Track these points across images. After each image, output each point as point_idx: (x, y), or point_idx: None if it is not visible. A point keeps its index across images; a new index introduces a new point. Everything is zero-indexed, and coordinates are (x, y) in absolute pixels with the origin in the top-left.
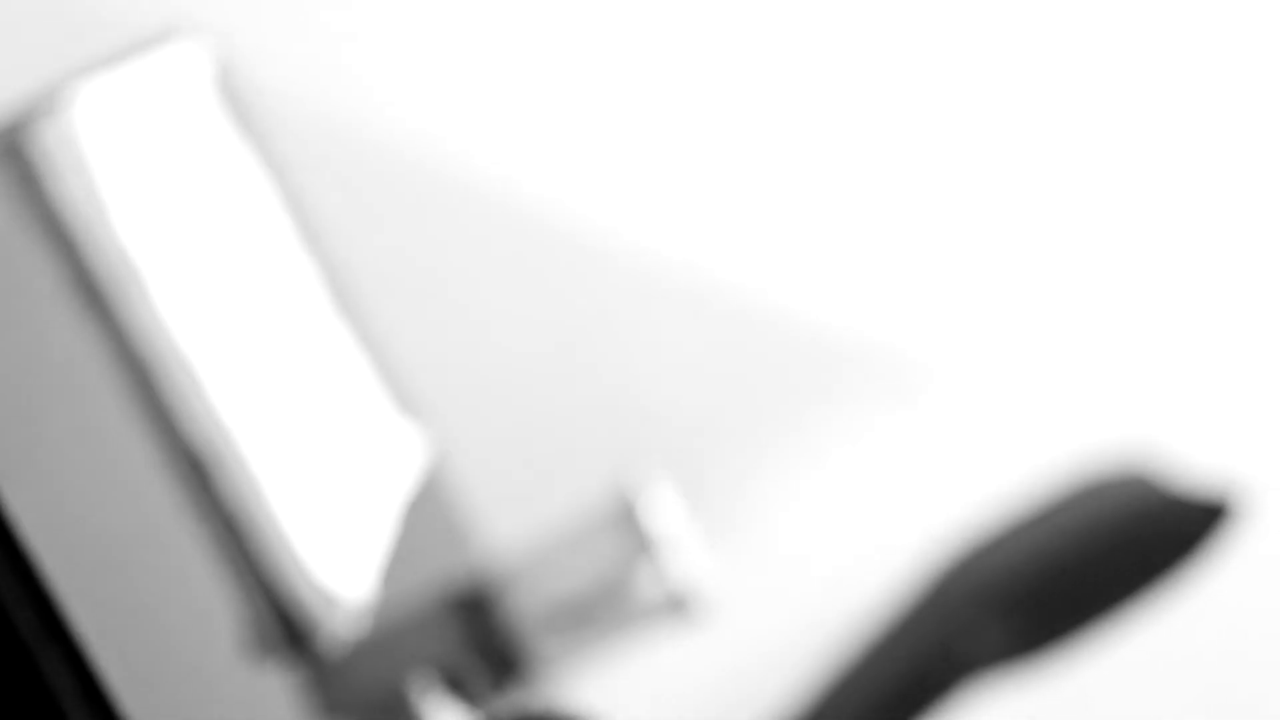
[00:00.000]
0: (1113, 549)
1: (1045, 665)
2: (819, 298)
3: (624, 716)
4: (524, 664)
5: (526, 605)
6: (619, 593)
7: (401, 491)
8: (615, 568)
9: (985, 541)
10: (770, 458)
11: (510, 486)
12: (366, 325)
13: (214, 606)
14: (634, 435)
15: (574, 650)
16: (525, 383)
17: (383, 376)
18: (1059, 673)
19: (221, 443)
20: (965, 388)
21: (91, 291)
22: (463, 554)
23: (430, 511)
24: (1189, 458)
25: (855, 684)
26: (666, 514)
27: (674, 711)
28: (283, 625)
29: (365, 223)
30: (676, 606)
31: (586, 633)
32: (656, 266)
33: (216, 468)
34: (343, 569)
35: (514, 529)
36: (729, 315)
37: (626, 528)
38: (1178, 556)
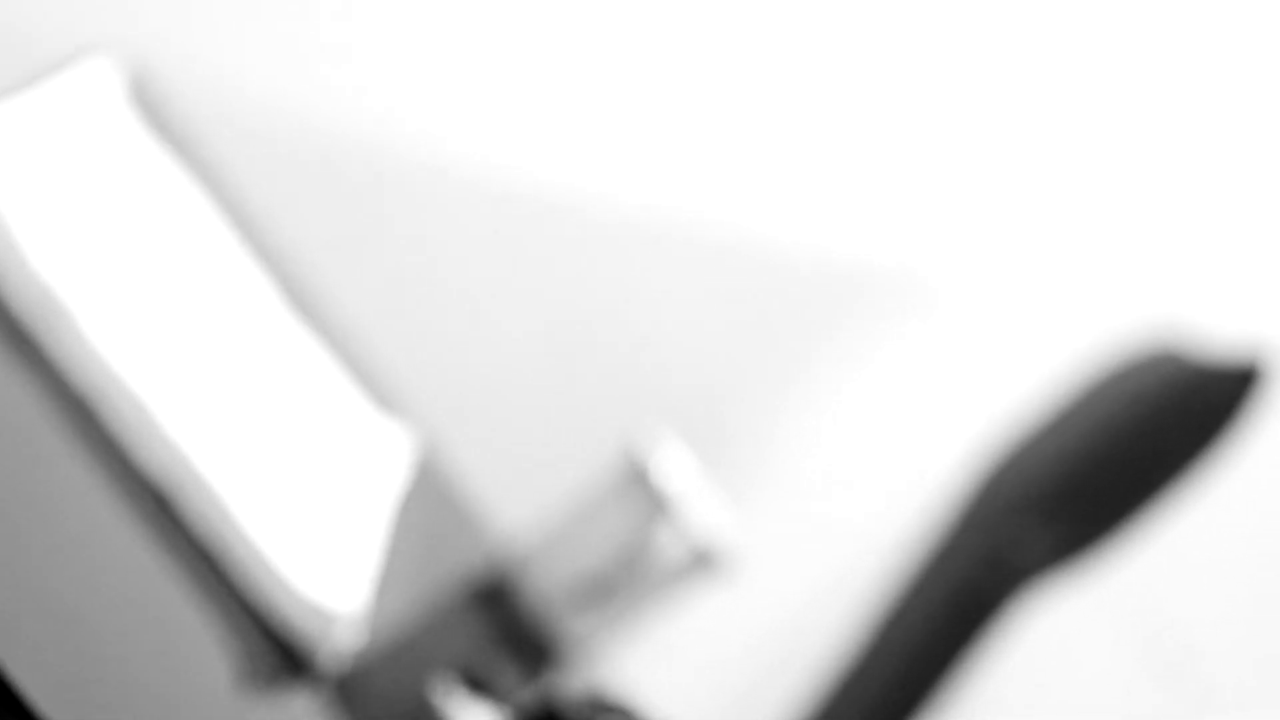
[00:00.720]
0: (1148, 430)
1: (1094, 562)
2: (811, 230)
3: (666, 683)
4: (553, 648)
5: (548, 587)
6: (641, 559)
7: (393, 493)
8: (634, 534)
9: (1018, 446)
10: (787, 394)
11: (518, 465)
12: (337, 328)
13: (202, 646)
14: (642, 395)
15: (604, 626)
16: (521, 360)
17: (359, 379)
18: (1110, 564)
19: (182, 472)
20: (975, 297)
21: (17, 332)
22: (475, 545)
23: (432, 507)
24: (1211, 330)
25: (909, 612)
26: (678, 471)
27: (720, 669)
28: (279, 651)
29: (347, 220)
30: (702, 563)
31: (614, 605)
32: (641, 220)
33: (180, 499)
34: (336, 583)
35: (527, 508)
36: (723, 258)
37: (640, 491)
38: (1214, 426)
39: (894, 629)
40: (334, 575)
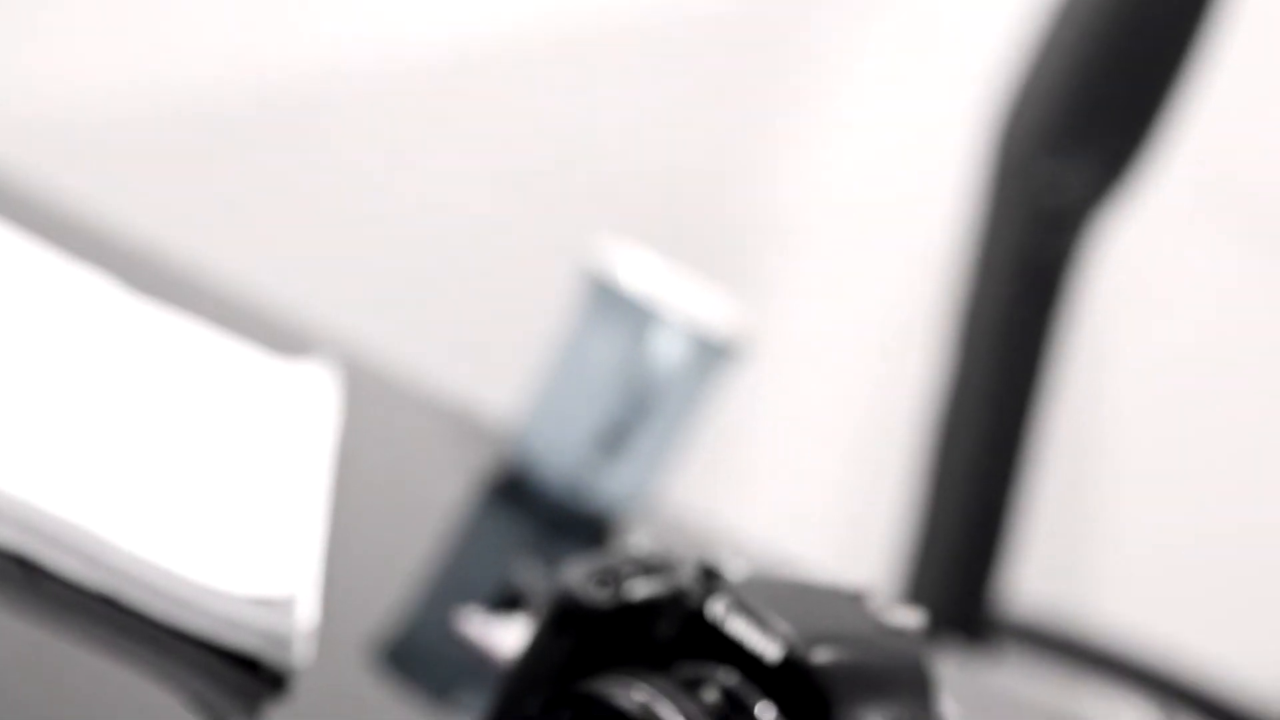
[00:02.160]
0: (1140, 10)
1: (1139, 169)
2: None
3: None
4: (593, 518)
5: (563, 455)
6: (646, 381)
7: (328, 439)
8: (628, 356)
9: (1019, 91)
10: (778, 136)
11: (495, 332)
12: (212, 289)
13: (153, 702)
14: (623, 205)
15: (639, 471)
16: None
17: (253, 333)
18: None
19: (36, 526)
20: None
21: None
22: (471, 448)
23: (394, 430)
24: None
25: (984, 303)
26: (647, 273)
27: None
28: (243, 665)
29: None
30: (710, 355)
31: (641, 443)
32: (555, 32)
33: (49, 557)
34: (283, 570)
35: (515, 375)
36: (655, 32)
37: (615, 309)
38: None
39: (975, 323)
40: (279, 561)
